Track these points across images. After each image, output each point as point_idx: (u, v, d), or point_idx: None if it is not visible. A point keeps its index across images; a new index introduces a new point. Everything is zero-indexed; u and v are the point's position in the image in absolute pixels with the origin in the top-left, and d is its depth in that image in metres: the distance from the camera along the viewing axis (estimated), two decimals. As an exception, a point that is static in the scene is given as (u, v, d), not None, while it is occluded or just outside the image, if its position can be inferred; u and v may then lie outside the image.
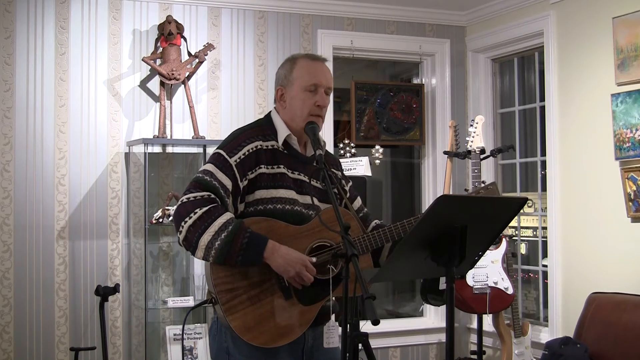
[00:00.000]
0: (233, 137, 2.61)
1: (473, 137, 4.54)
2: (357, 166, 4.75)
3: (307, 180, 2.62)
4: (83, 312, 4.57)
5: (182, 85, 4.71)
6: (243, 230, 2.43)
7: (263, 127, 2.66)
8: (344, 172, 2.90)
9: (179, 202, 2.49)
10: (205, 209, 2.43)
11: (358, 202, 2.86)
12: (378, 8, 5.29)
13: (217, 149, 2.60)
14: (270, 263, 2.46)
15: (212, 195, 2.47)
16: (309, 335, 2.59)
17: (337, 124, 5.45)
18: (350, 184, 2.87)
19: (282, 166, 2.59)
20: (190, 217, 2.43)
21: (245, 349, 2.50)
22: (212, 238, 2.41)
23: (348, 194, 2.80)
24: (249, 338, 2.47)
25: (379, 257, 2.76)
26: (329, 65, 2.80)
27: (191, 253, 2.48)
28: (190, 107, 4.67)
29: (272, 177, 2.56)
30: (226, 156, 2.54)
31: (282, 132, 2.64)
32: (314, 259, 2.49)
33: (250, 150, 2.56)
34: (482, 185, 2.88)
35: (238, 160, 2.53)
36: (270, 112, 2.73)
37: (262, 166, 2.55)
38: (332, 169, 2.74)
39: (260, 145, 2.58)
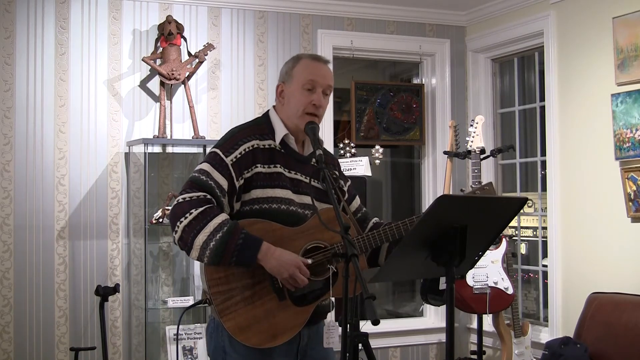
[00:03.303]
0: (230, 136, 2.60)
1: (473, 137, 4.54)
2: (357, 166, 4.75)
3: (305, 180, 2.62)
4: (83, 312, 4.57)
5: (182, 85, 4.71)
6: (238, 231, 2.43)
7: (261, 126, 2.65)
8: (343, 172, 2.88)
9: (175, 202, 2.49)
10: (201, 209, 2.43)
11: (357, 201, 2.85)
12: (378, 8, 5.28)
13: (213, 147, 2.59)
14: (264, 265, 2.45)
15: (208, 196, 2.47)
16: (304, 334, 2.59)
17: (337, 124, 5.45)
18: (349, 183, 2.85)
19: (278, 165, 2.58)
20: (186, 217, 2.43)
21: (241, 348, 2.51)
22: (207, 238, 2.41)
23: (347, 195, 2.79)
24: (242, 339, 2.48)
25: (376, 258, 2.75)
26: (330, 65, 2.79)
27: (186, 253, 2.49)
28: (190, 107, 4.67)
29: (269, 177, 2.55)
30: (222, 155, 2.53)
31: (280, 131, 2.63)
32: (310, 261, 2.49)
33: (247, 150, 2.55)
34: (479, 185, 2.88)
35: (234, 160, 2.52)
36: (268, 110, 2.72)
37: (259, 165, 2.55)
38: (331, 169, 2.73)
39: (257, 144, 2.57)
